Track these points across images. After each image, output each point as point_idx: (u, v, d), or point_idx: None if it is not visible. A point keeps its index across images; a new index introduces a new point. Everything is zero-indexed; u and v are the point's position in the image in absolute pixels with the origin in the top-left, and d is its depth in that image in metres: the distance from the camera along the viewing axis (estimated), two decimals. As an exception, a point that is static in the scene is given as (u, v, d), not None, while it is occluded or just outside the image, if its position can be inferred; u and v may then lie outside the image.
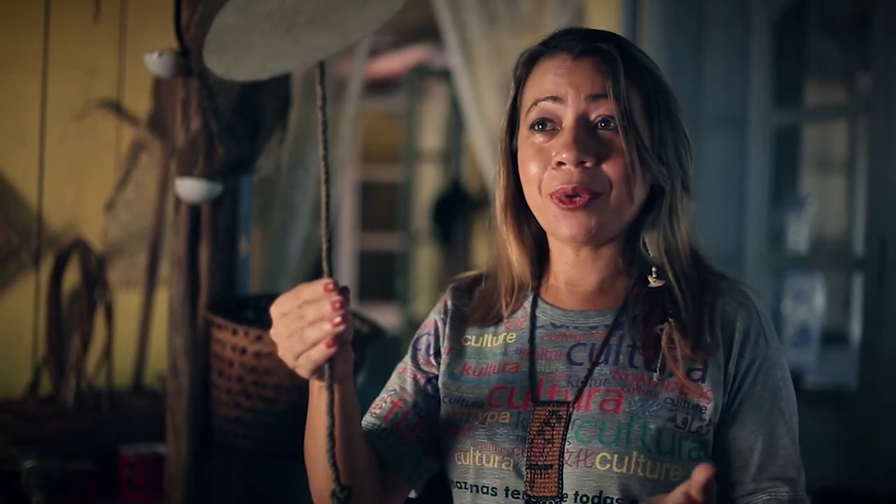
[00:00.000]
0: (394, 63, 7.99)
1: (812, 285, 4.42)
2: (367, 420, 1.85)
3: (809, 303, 4.41)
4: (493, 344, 1.85)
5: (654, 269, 1.76)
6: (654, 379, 1.70)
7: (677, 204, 1.77)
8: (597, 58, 1.74)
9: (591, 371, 1.74)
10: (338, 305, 1.46)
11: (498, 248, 1.90)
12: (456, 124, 7.82)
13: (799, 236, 4.46)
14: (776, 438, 1.72)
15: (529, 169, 1.76)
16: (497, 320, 1.87)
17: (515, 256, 1.86)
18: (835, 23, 5.21)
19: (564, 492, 1.67)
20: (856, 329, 4.71)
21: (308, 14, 1.38)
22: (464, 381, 1.83)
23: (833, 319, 5.16)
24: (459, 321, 1.91)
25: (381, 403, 1.88)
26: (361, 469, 1.73)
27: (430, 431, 1.85)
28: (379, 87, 8.39)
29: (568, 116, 1.73)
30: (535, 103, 1.77)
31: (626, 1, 4.42)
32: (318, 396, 1.63)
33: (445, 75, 7.04)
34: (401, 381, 1.89)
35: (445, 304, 1.94)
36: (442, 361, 1.87)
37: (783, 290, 4.37)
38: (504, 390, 1.78)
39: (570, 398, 1.72)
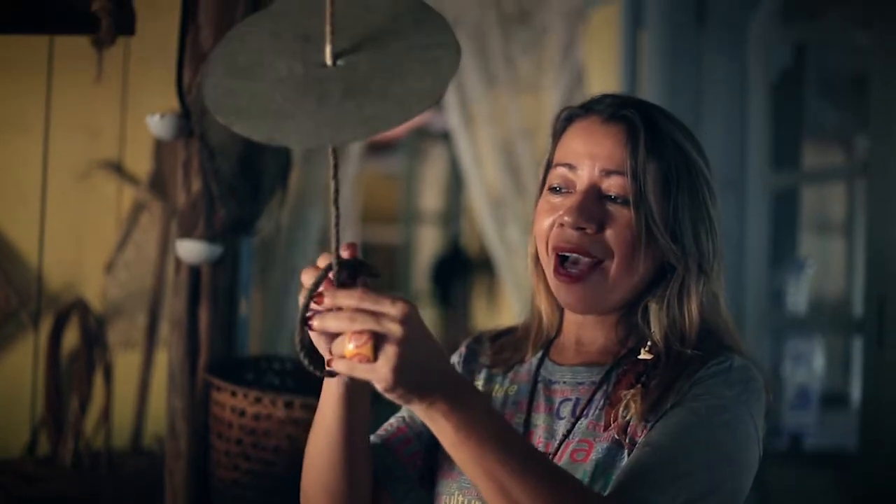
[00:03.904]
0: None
1: (811, 347, 4.41)
2: (372, 439, 1.85)
3: (809, 365, 4.40)
4: (497, 394, 1.88)
5: (649, 343, 1.77)
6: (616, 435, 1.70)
7: (689, 283, 1.76)
8: (622, 126, 1.75)
9: (573, 425, 1.75)
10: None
11: (531, 298, 1.92)
12: (455, 186, 7.85)
13: (798, 298, 4.46)
14: (670, 464, 1.59)
15: (541, 224, 1.79)
16: (518, 364, 1.89)
17: (543, 307, 1.89)
18: (832, 85, 5.24)
19: None
20: (856, 391, 4.70)
21: (337, 83, 1.40)
22: None
23: (833, 381, 5.16)
24: (471, 363, 1.95)
25: (388, 426, 1.90)
26: (360, 478, 1.73)
27: (430, 463, 1.86)
28: (378, 147, 8.43)
29: (581, 183, 1.76)
30: (556, 167, 1.80)
31: (624, 63, 4.46)
32: (327, 387, 1.64)
33: (444, 137, 7.08)
34: (410, 409, 1.89)
35: (461, 350, 1.97)
36: None
37: (782, 352, 4.37)
38: None
39: (551, 450, 1.74)
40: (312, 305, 1.45)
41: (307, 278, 1.47)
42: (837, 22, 4.39)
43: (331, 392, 1.62)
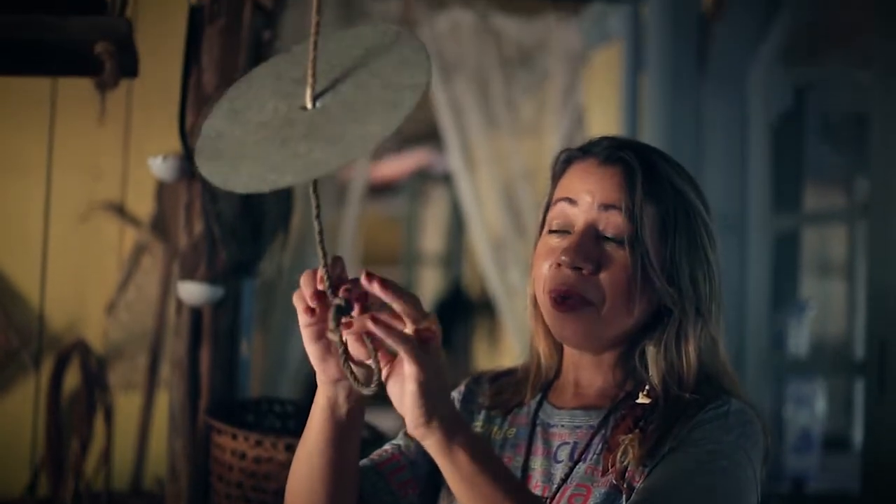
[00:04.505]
0: (395, 166, 8.06)
1: (813, 390, 4.41)
2: (363, 462, 1.84)
3: (811, 407, 4.39)
4: (496, 436, 1.87)
5: (647, 387, 1.76)
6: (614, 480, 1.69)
7: (687, 327, 1.75)
8: (619, 167, 1.76)
9: (571, 470, 1.74)
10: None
11: (530, 339, 1.92)
12: (456, 228, 7.86)
13: (799, 340, 4.46)
14: None
15: (539, 266, 1.78)
16: (517, 407, 1.88)
17: (542, 349, 1.88)
18: (833, 128, 5.26)
19: None
20: (858, 434, 4.69)
21: (303, 126, 1.39)
22: None
23: (835, 424, 5.15)
24: (469, 403, 1.94)
25: (381, 452, 1.88)
26: (344, 500, 1.72)
27: (420, 493, 1.84)
28: (380, 190, 8.45)
29: (579, 222, 1.76)
30: (555, 203, 1.80)
31: (625, 105, 4.48)
32: (316, 401, 1.65)
33: (445, 179, 7.10)
34: (406, 440, 1.88)
35: (460, 388, 1.97)
36: None
37: (784, 394, 4.36)
38: None
39: (549, 494, 1.74)
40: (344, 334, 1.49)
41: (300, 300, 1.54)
42: (837, 65, 4.41)
43: (322, 415, 1.64)
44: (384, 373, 1.52)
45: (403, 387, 1.47)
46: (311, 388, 1.65)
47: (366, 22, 4.50)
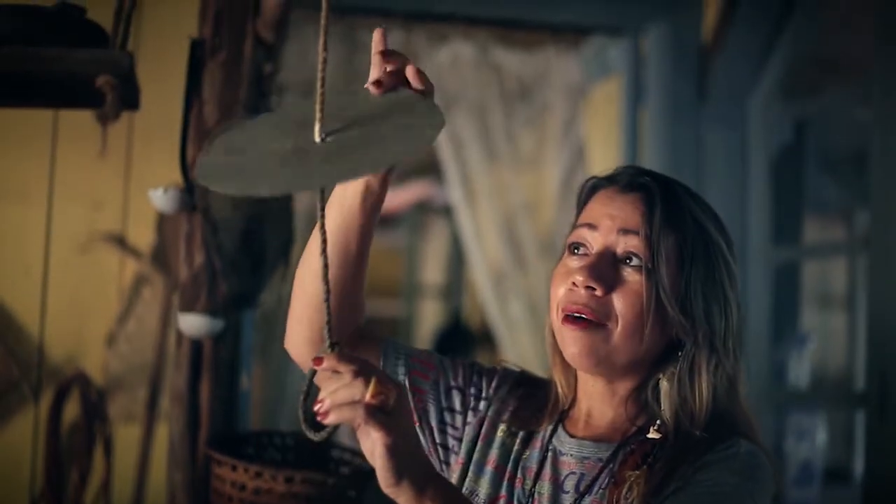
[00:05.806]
0: (396, 199, 8.06)
1: (814, 422, 4.41)
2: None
3: (811, 440, 4.39)
4: (515, 451, 1.88)
5: (658, 422, 1.76)
6: None
7: (700, 361, 1.75)
8: (640, 193, 1.77)
9: (576, 502, 1.75)
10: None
11: (549, 369, 1.93)
12: (456, 260, 7.87)
13: (800, 373, 4.46)
14: None
15: (556, 288, 1.79)
16: (535, 432, 1.89)
17: (558, 378, 1.88)
18: (833, 161, 5.27)
19: None
20: (859, 466, 4.68)
21: (320, 153, 1.43)
22: (484, 474, 1.87)
23: (835, 456, 5.14)
24: (506, 400, 1.94)
25: (422, 351, 1.97)
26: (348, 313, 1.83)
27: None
28: (380, 222, 8.44)
29: (597, 245, 1.77)
30: (577, 228, 1.81)
31: (625, 139, 4.48)
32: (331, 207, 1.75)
33: (446, 212, 7.11)
34: (449, 366, 1.96)
35: (498, 369, 1.99)
36: (477, 448, 1.90)
37: (785, 427, 4.36)
38: (504, 500, 1.83)
39: None
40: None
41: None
42: (837, 98, 4.42)
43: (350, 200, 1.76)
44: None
45: (374, 443, 1.45)
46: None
47: (366, 55, 4.52)
